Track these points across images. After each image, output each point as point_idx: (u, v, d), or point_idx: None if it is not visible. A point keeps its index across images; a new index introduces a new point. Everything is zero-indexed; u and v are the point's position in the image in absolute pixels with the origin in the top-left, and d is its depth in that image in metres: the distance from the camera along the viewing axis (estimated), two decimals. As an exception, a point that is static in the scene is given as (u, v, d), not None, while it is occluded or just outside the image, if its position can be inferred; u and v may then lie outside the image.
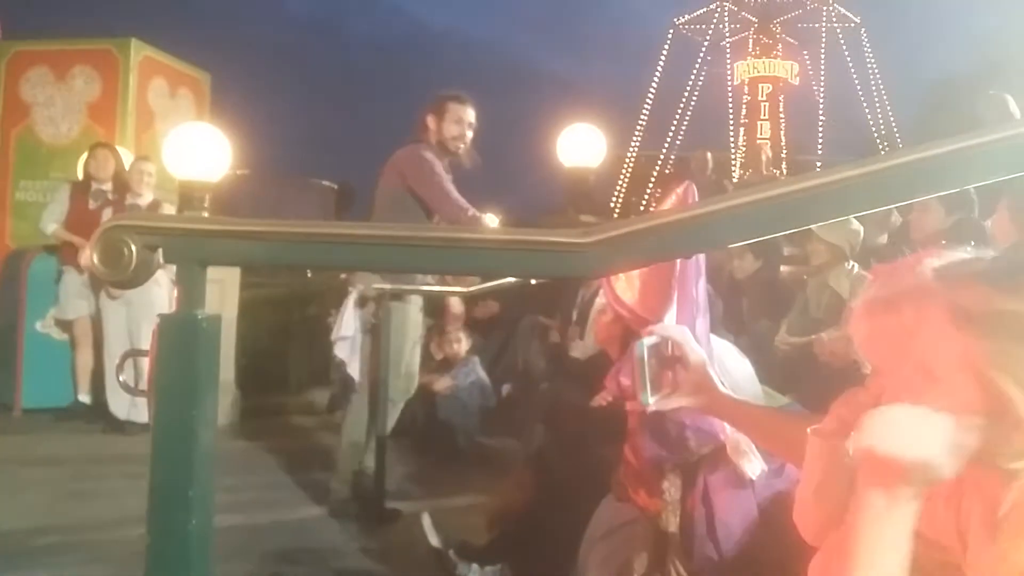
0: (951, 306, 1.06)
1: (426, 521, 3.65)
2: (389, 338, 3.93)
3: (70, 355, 6.11)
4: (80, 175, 6.17)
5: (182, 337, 0.85)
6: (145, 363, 0.89)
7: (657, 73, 34.44)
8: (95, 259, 0.87)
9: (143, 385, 0.94)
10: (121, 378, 3.80)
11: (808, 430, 1.22)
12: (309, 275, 8.79)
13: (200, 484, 0.87)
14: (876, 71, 33.96)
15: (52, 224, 6.00)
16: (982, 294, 1.06)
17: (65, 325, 6.08)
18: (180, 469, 0.86)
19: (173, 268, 0.90)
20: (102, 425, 5.74)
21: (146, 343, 3.62)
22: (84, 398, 6.05)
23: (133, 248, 0.84)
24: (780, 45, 34.55)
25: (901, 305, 1.08)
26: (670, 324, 1.69)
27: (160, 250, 0.85)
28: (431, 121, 4.23)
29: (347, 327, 4.20)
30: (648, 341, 1.50)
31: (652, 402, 1.49)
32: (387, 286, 3.95)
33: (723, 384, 1.54)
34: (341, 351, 4.23)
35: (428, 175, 4.03)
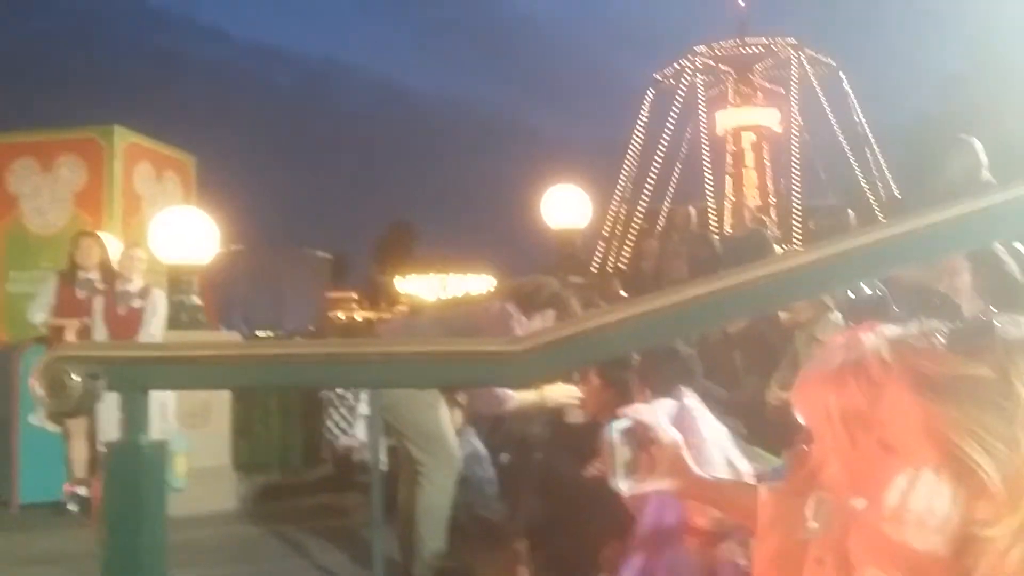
0: (911, 375, 1.07)
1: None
2: (377, 415, 3.90)
3: (64, 448, 6.05)
4: (66, 265, 6.20)
5: (127, 466, 0.85)
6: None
7: (638, 128, 34.94)
8: (39, 391, 0.87)
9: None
10: (73, 507, 3.72)
11: (761, 491, 1.22)
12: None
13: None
14: (858, 112, 34.45)
15: (40, 314, 6.02)
16: (943, 360, 1.07)
17: (58, 417, 6.03)
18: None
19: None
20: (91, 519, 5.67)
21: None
22: (81, 490, 5.98)
23: (75, 378, 0.84)
24: (760, 93, 35.08)
25: (844, 379, 1.09)
26: (641, 406, 1.68)
27: (102, 379, 0.85)
28: (547, 318, 4.07)
29: (363, 406, 4.21)
30: (619, 424, 1.49)
31: (625, 487, 1.47)
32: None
33: (696, 463, 1.53)
34: (359, 430, 4.23)
35: None
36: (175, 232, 5.92)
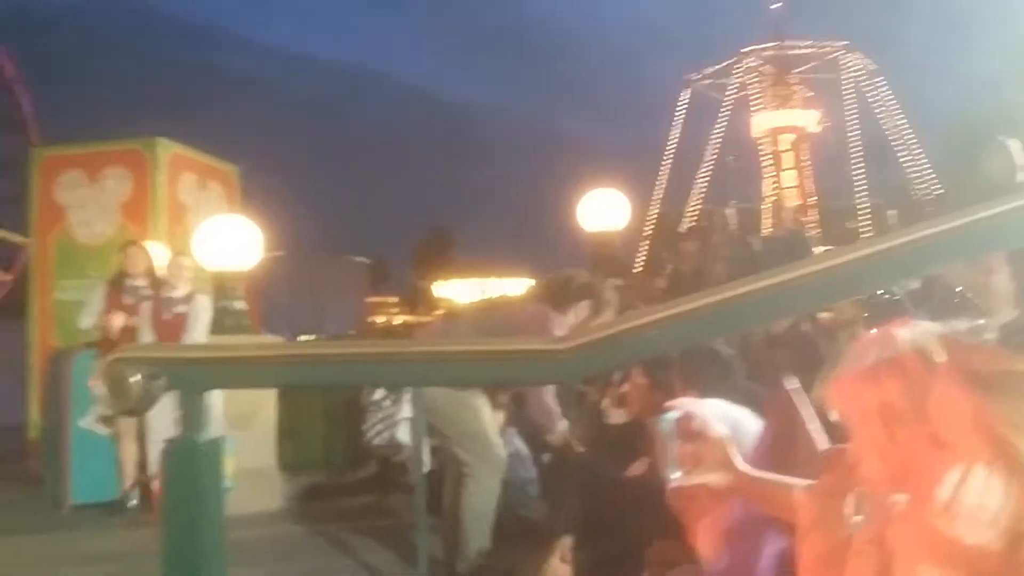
0: (961, 371, 1.07)
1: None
2: (420, 416, 3.95)
3: (115, 449, 6.18)
4: (114, 273, 6.34)
5: (185, 462, 0.88)
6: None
7: (674, 130, 34.77)
8: (102, 391, 0.91)
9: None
10: (134, 502, 3.85)
11: (796, 491, 1.22)
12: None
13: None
14: (898, 114, 33.97)
15: (89, 319, 6.17)
16: (994, 357, 1.07)
17: (108, 420, 6.16)
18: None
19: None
20: (151, 517, 5.77)
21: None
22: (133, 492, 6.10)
23: (136, 378, 0.87)
24: (799, 95, 34.73)
25: (879, 376, 1.09)
26: (691, 401, 1.69)
27: (163, 378, 0.88)
28: (581, 310, 4.14)
29: (406, 408, 4.26)
30: (672, 416, 1.51)
31: (677, 478, 1.49)
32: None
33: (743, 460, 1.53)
34: (403, 434, 4.28)
35: None
36: (219, 239, 6.03)
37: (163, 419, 5.39)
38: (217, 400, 5.25)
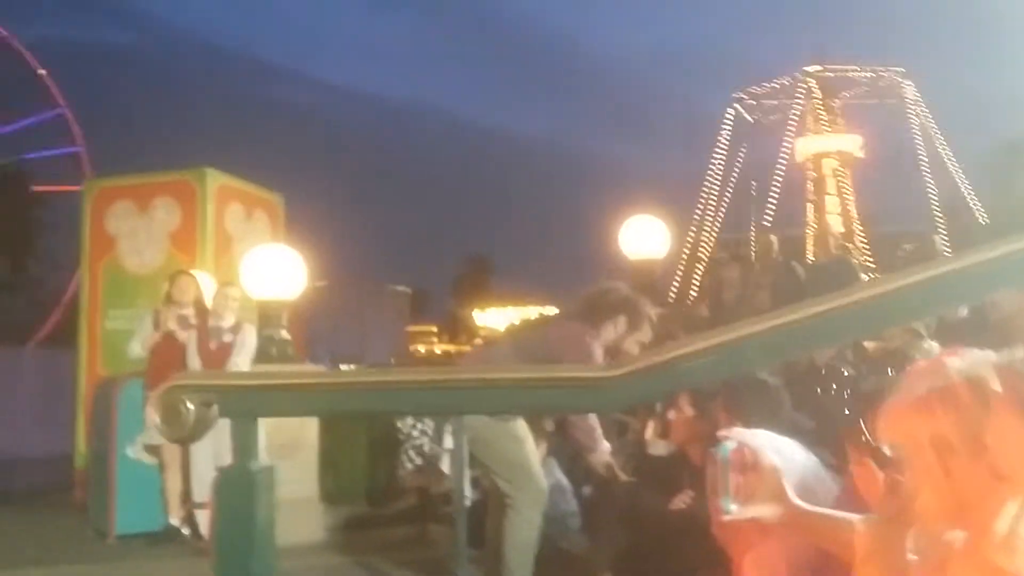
0: (1018, 401, 1.04)
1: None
2: (461, 447, 3.94)
3: (160, 479, 6.24)
4: (163, 301, 6.43)
5: (239, 490, 0.89)
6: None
7: (717, 151, 34.66)
8: (156, 419, 0.92)
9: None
10: (186, 531, 3.89)
11: (857, 523, 1.19)
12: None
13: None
14: (940, 137, 33.55)
15: (138, 346, 6.27)
16: None
17: (154, 450, 6.23)
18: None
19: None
20: (194, 548, 5.82)
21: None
22: (175, 521, 6.15)
23: (190, 406, 0.89)
24: (841, 119, 34.46)
25: (931, 406, 1.07)
26: (746, 431, 1.67)
27: (215, 406, 0.90)
28: (618, 324, 4.12)
29: (447, 440, 4.27)
30: (728, 446, 1.49)
31: (732, 510, 1.47)
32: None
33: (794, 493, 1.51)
34: (444, 465, 4.29)
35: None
36: (265, 269, 6.11)
37: (205, 451, 5.46)
38: (260, 431, 5.31)
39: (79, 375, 7.82)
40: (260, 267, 6.16)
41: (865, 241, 27.97)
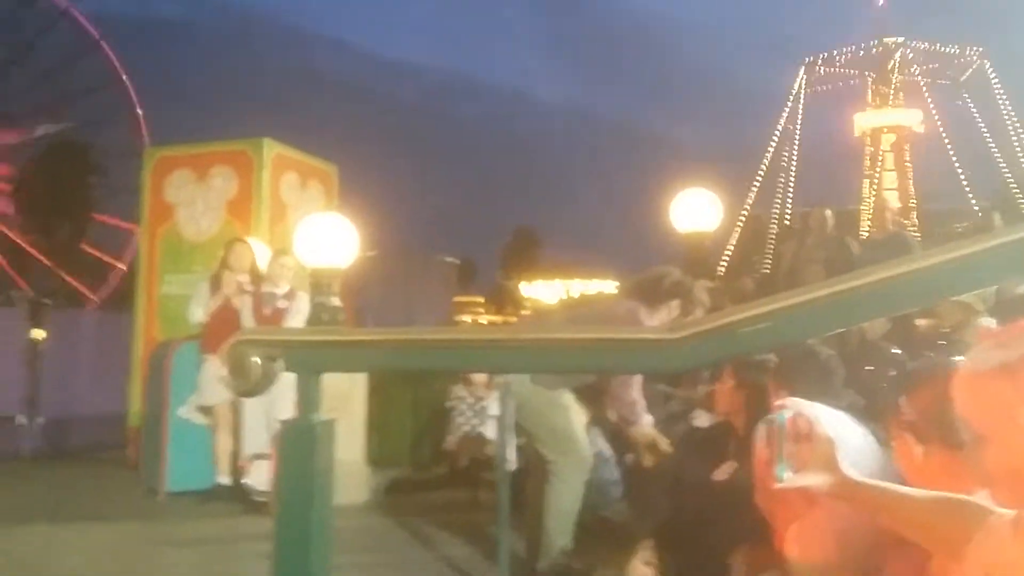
0: None
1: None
2: (509, 415, 3.97)
3: (210, 440, 6.39)
4: (220, 268, 6.55)
5: (301, 442, 0.92)
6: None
7: (784, 119, 34.07)
8: (225, 372, 0.95)
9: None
10: (244, 480, 4.00)
11: (991, 517, 1.16)
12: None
13: (320, 579, 0.92)
14: (1011, 111, 32.52)
15: (199, 311, 6.41)
16: None
17: (206, 411, 6.38)
18: (301, 567, 0.91)
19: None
20: (242, 506, 5.96)
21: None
22: (224, 480, 6.31)
23: (257, 360, 0.91)
24: (901, 93, 33.62)
25: (1017, 371, 1.04)
26: (801, 401, 1.66)
27: (280, 360, 0.92)
28: (672, 309, 4.13)
29: (492, 406, 4.32)
30: (784, 415, 1.49)
31: (785, 478, 1.47)
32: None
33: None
34: (489, 430, 4.34)
35: None
36: (318, 237, 6.17)
37: (255, 413, 5.55)
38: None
39: (135, 338, 8.01)
40: (314, 235, 6.23)
41: (917, 219, 27.37)
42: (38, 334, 9.44)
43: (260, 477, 5.92)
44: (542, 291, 40.39)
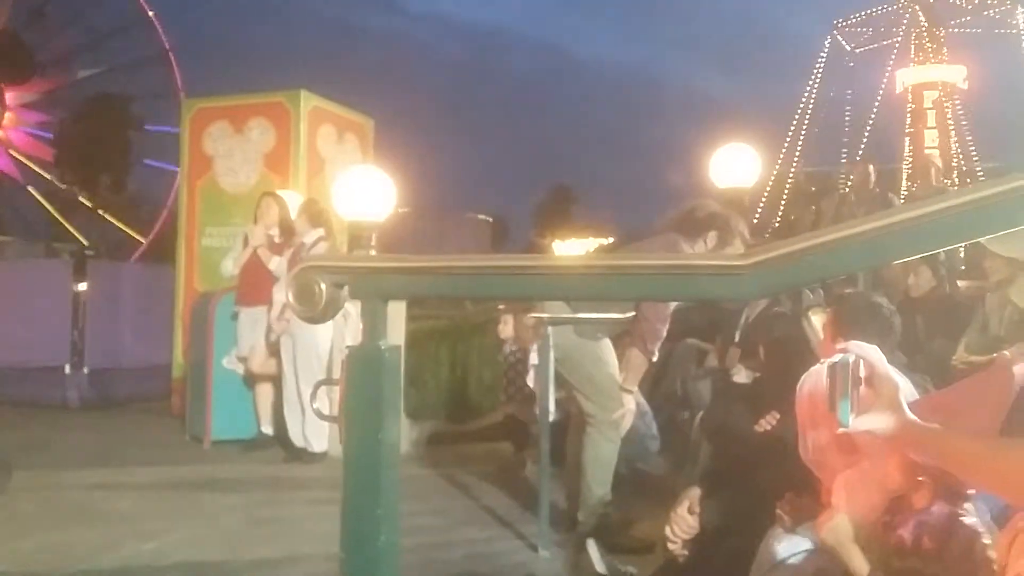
0: None
1: (592, 548, 3.67)
2: (547, 365, 3.99)
3: (253, 389, 6.51)
4: (252, 221, 6.61)
5: (368, 366, 0.93)
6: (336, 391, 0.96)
7: (810, 86, 33.42)
8: (290, 297, 0.96)
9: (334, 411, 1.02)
10: (315, 406, 4.10)
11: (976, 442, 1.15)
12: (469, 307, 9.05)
13: (388, 502, 0.95)
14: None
15: (231, 264, 6.49)
16: None
17: (246, 360, 6.47)
18: (369, 488, 0.93)
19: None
20: (284, 454, 6.08)
21: (306, 374, 3.89)
22: (267, 429, 6.43)
23: (323, 286, 0.92)
24: (945, 49, 32.71)
25: None
26: (864, 344, 1.63)
27: (346, 287, 0.93)
28: (709, 240, 4.08)
29: (532, 356, 4.33)
30: (848, 358, 1.48)
31: (849, 421, 1.46)
32: (544, 315, 4.00)
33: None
34: (530, 379, 4.37)
35: None
36: (356, 190, 6.18)
37: (287, 363, 5.61)
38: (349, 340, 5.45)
39: (177, 290, 8.12)
40: (352, 188, 6.24)
41: (958, 177, 26.80)
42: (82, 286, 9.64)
43: (297, 429, 6.03)
44: (576, 248, 40.26)
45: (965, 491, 1.87)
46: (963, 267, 6.14)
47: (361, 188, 6.22)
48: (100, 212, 30.57)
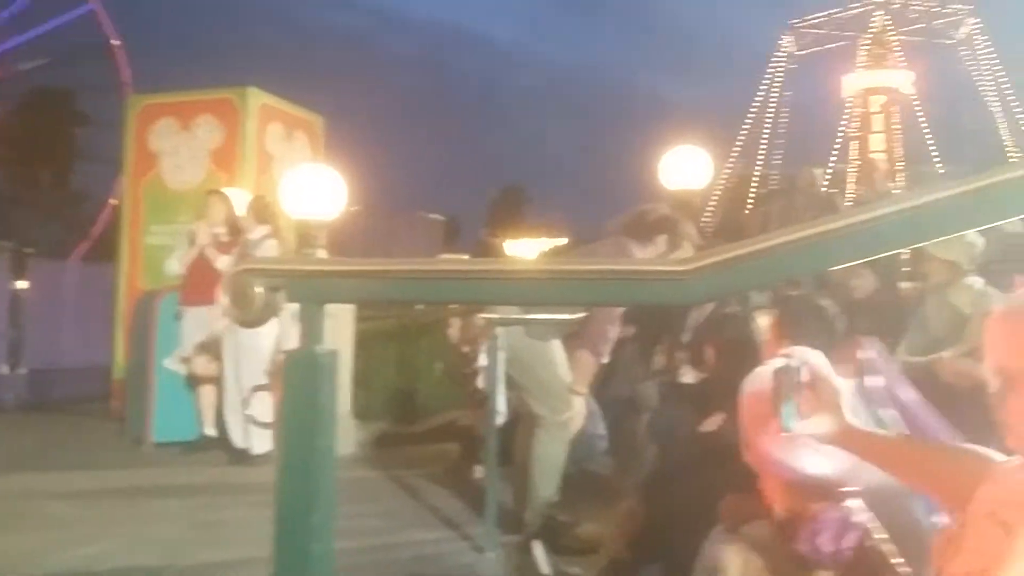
0: None
1: (538, 549, 3.67)
2: (496, 366, 3.98)
3: (195, 390, 6.39)
4: (197, 220, 6.50)
5: (304, 372, 0.91)
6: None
7: (760, 91, 33.94)
8: (226, 301, 0.93)
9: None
10: (248, 411, 4.01)
11: (997, 464, 1.16)
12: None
13: (323, 510, 0.92)
14: (1003, 77, 32.39)
15: (175, 264, 6.38)
16: None
17: (188, 361, 6.35)
18: (303, 496, 0.91)
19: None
20: (227, 457, 5.98)
21: (249, 376, 3.82)
22: (209, 431, 6.31)
23: (259, 290, 0.90)
24: (893, 54, 33.44)
25: None
26: (808, 350, 1.65)
27: (283, 291, 0.90)
28: (658, 244, 4.11)
29: (482, 358, 4.31)
30: (793, 363, 1.49)
31: (791, 426, 1.47)
32: (493, 316, 3.99)
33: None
34: (480, 381, 4.35)
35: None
36: (305, 188, 6.10)
37: (229, 365, 5.50)
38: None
39: (119, 289, 7.95)
40: (300, 186, 6.16)
41: (906, 180, 27.44)
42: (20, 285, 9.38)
43: (261, 408, 5.91)
44: (527, 249, 40.33)
45: (847, 493, 1.91)
46: (904, 269, 6.27)
47: (310, 186, 6.15)
48: (39, 212, 29.75)
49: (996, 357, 1.13)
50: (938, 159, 30.00)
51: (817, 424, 1.49)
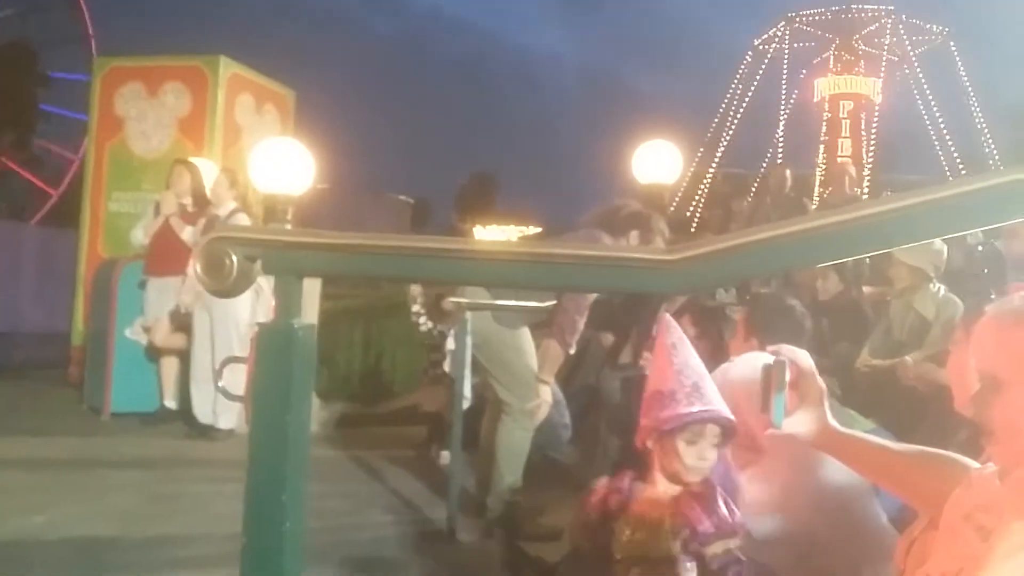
0: None
1: (499, 535, 3.67)
2: (464, 350, 3.97)
3: (157, 361, 6.30)
4: (163, 189, 6.40)
5: (279, 345, 0.89)
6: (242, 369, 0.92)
7: (730, 90, 34.19)
8: (198, 269, 0.91)
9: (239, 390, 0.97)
10: (220, 384, 3.96)
11: (972, 471, 1.17)
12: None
13: (294, 487, 0.91)
14: (969, 87, 32.92)
15: (140, 234, 6.27)
16: None
17: (150, 331, 6.26)
18: (275, 472, 0.89)
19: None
20: (187, 430, 5.91)
21: (223, 349, 3.74)
22: (170, 403, 6.24)
23: (234, 259, 0.88)
24: (862, 61, 33.84)
25: None
26: (795, 349, 1.63)
27: (259, 261, 0.88)
28: (630, 240, 4.10)
29: (450, 341, 4.30)
30: (782, 361, 1.48)
31: (780, 424, 1.46)
32: (463, 300, 3.98)
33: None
34: (447, 365, 4.34)
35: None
36: (274, 162, 6.02)
37: (202, 337, 5.44)
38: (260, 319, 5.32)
39: (79, 255, 7.80)
40: (269, 159, 6.08)
41: (870, 187, 27.83)
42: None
43: (233, 380, 5.85)
44: (496, 235, 40.32)
45: (716, 504, 1.90)
46: (868, 273, 6.35)
47: (279, 160, 6.07)
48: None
49: (984, 363, 1.13)
50: (905, 167, 30.43)
51: (799, 422, 1.49)
